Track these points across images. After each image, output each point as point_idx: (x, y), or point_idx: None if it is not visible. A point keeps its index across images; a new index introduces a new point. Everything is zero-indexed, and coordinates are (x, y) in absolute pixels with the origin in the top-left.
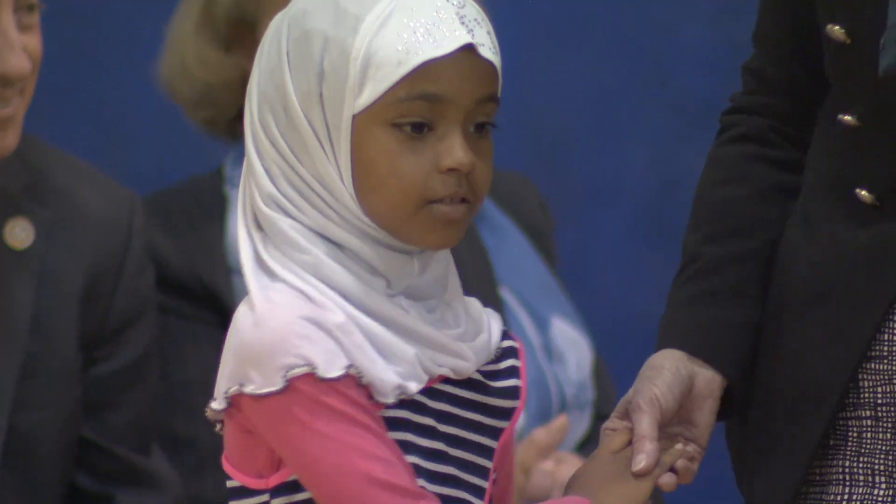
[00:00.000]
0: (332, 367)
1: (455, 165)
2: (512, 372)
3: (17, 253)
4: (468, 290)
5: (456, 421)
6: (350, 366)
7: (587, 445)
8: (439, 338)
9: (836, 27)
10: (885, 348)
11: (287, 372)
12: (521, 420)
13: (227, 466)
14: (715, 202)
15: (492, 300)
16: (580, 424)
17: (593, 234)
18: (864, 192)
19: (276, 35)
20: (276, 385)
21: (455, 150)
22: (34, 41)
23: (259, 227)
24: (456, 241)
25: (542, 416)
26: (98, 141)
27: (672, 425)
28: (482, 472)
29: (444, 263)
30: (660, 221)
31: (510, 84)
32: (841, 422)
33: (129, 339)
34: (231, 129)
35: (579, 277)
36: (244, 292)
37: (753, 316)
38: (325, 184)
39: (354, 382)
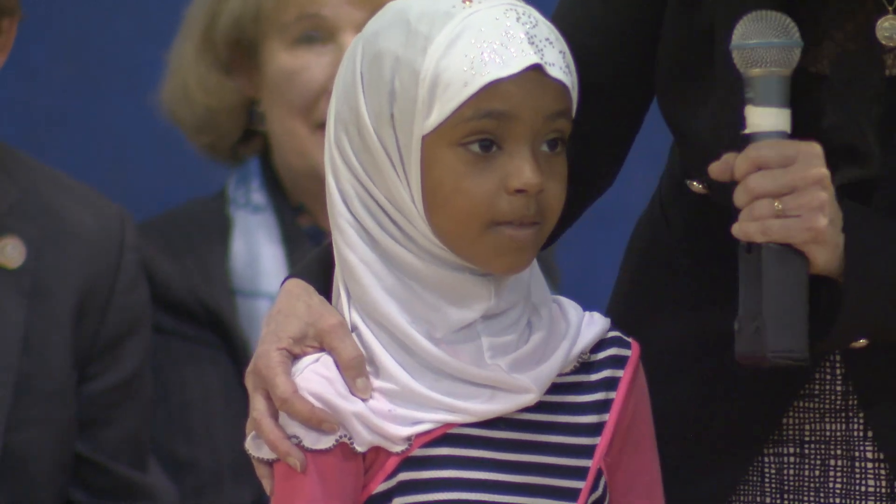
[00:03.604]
0: (319, 440)
1: (522, 186)
2: (608, 384)
3: (9, 272)
4: None
5: (521, 447)
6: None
7: None
8: (491, 377)
9: (695, 183)
10: (818, 387)
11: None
12: None
13: None
14: None
15: None
16: None
17: (594, 254)
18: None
19: (351, 56)
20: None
21: (523, 170)
22: None
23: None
24: (525, 266)
25: None
26: (99, 165)
27: None
28: (567, 495)
29: (525, 273)
30: None
31: None
32: (757, 457)
33: (123, 355)
34: (234, 152)
35: (580, 297)
36: (247, 314)
37: None
38: (397, 205)
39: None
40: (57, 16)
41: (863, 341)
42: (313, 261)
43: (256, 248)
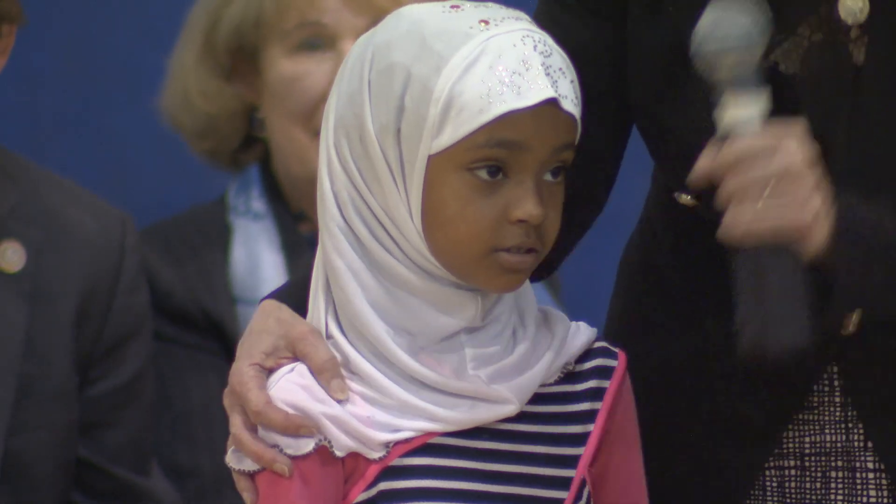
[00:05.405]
0: (299, 446)
1: (525, 217)
2: (593, 395)
3: (10, 276)
4: None
5: (503, 457)
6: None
7: None
8: (471, 389)
9: (684, 195)
10: (816, 399)
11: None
12: None
13: None
14: None
15: None
16: None
17: (596, 261)
18: None
19: (359, 61)
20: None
21: (527, 201)
22: None
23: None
24: (518, 287)
25: None
26: (100, 170)
27: None
28: None
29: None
30: None
31: None
32: (758, 471)
33: (124, 359)
34: (234, 159)
35: (581, 306)
36: (248, 322)
37: None
38: (393, 218)
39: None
40: (58, 21)
41: (852, 328)
42: (290, 286)
43: (257, 256)
